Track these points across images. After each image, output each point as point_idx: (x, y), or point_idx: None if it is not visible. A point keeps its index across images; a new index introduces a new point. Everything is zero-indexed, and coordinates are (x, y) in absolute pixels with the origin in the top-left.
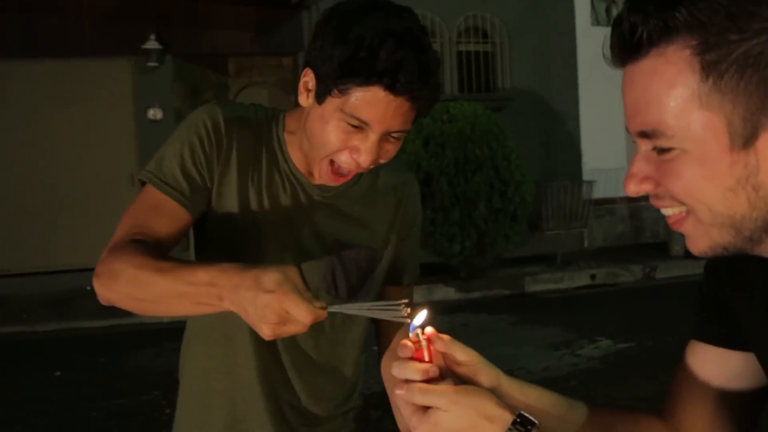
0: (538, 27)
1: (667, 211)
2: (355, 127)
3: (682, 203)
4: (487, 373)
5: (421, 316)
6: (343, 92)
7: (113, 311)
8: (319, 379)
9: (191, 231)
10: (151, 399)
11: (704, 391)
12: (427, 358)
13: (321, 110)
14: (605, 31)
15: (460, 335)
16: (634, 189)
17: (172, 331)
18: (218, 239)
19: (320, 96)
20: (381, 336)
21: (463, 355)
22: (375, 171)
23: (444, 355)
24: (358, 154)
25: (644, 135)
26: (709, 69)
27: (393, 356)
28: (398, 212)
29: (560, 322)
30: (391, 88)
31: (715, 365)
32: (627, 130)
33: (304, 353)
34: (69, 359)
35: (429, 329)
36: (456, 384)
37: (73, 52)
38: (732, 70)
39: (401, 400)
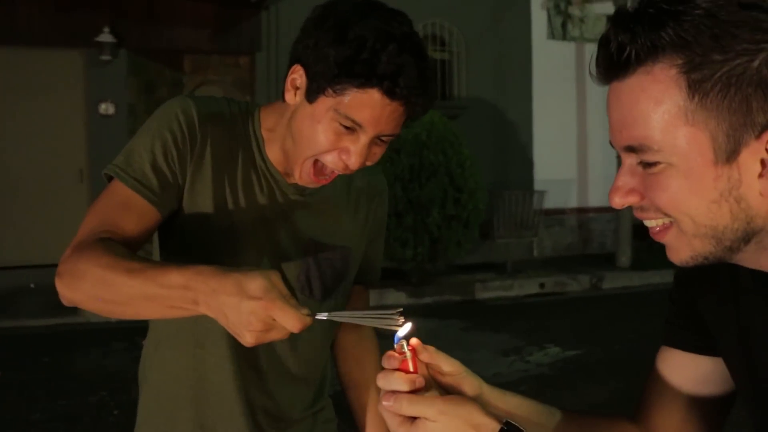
0: (496, 38)
1: (650, 223)
2: (347, 128)
3: (667, 215)
4: (470, 382)
5: (406, 327)
6: (338, 92)
7: (57, 310)
8: (294, 381)
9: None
10: (99, 400)
11: (675, 395)
12: (412, 369)
13: (311, 109)
14: (560, 45)
15: None
16: (619, 201)
17: (119, 331)
18: (190, 239)
19: (312, 94)
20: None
21: (448, 366)
22: None
23: (428, 366)
24: (347, 156)
25: (630, 150)
26: (695, 87)
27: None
28: (370, 212)
29: (510, 328)
30: (390, 92)
31: (686, 370)
32: (611, 144)
33: (282, 356)
34: (11, 359)
35: (414, 340)
36: (440, 394)
37: (21, 41)
38: (717, 89)
39: (387, 411)
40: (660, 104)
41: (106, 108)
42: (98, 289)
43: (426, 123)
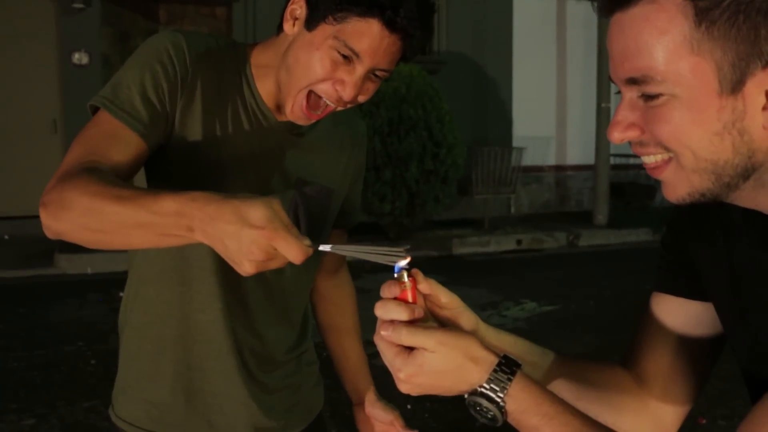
0: None
1: (648, 159)
2: (345, 57)
3: (667, 149)
4: (467, 317)
5: (406, 257)
6: (338, 20)
7: (32, 261)
8: (279, 321)
9: None
10: (75, 350)
11: (666, 338)
12: (411, 299)
13: (310, 37)
14: (542, 2)
15: None
16: (618, 136)
17: (95, 283)
18: (178, 176)
19: (312, 22)
20: None
21: (446, 298)
22: (332, 113)
23: (426, 297)
24: (342, 87)
25: (632, 82)
26: (702, 15)
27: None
28: (352, 155)
29: (487, 284)
30: (391, 23)
31: (676, 314)
32: (610, 79)
33: (270, 294)
34: None
35: (414, 270)
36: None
37: None
38: (725, 17)
39: (384, 342)
40: (665, 34)
41: (80, 58)
42: (86, 218)
43: (405, 77)
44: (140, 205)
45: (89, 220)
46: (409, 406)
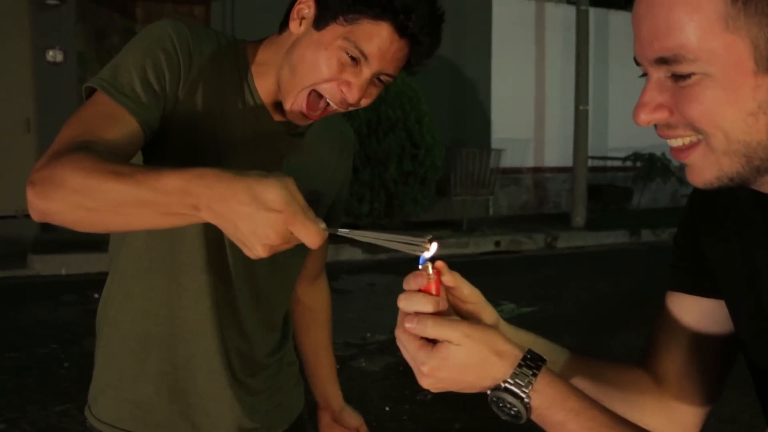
0: None
1: (676, 142)
2: (353, 59)
3: (698, 131)
4: (489, 312)
5: (432, 249)
6: (350, 21)
7: (5, 263)
8: (265, 323)
9: None
10: (49, 352)
11: (681, 337)
12: (435, 292)
13: (319, 36)
14: (521, 4)
15: (367, 295)
16: (645, 118)
17: (69, 284)
18: (169, 165)
19: (321, 22)
20: None
21: (469, 291)
22: (324, 118)
23: (449, 291)
24: (348, 88)
25: (662, 61)
26: None
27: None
28: (340, 162)
29: None
30: (402, 27)
31: (691, 312)
32: (635, 61)
33: (259, 292)
34: None
35: (438, 262)
36: None
37: None
38: None
39: (407, 335)
40: (698, 11)
41: (54, 55)
42: (80, 196)
43: None
44: (141, 181)
45: (83, 199)
46: (387, 408)
